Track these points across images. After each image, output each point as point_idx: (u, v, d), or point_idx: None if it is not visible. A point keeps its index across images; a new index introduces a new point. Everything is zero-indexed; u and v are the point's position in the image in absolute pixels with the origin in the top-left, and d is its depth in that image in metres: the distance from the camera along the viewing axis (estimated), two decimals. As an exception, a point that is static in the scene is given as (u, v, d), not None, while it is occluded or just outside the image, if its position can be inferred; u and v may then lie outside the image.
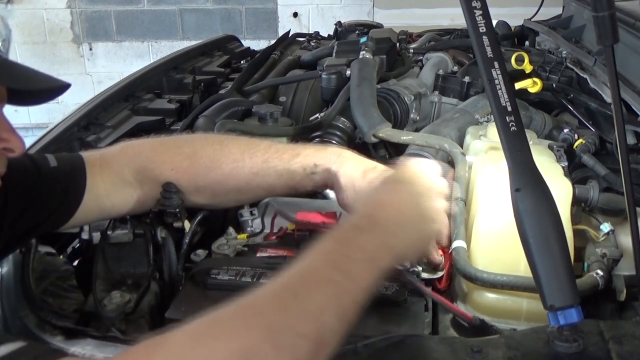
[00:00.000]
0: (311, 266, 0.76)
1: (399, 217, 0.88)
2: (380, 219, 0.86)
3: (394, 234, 0.86)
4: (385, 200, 0.91)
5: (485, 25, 0.78)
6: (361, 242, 0.81)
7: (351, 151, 1.14)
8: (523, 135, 0.80)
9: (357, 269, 0.77)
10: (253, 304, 0.69)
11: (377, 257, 0.81)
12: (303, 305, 0.70)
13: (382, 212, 0.88)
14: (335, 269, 0.75)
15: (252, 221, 1.20)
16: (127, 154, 1.13)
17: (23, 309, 1.00)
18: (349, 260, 0.77)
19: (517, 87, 1.62)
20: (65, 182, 1.06)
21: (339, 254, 0.78)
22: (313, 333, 0.68)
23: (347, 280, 0.75)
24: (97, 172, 1.09)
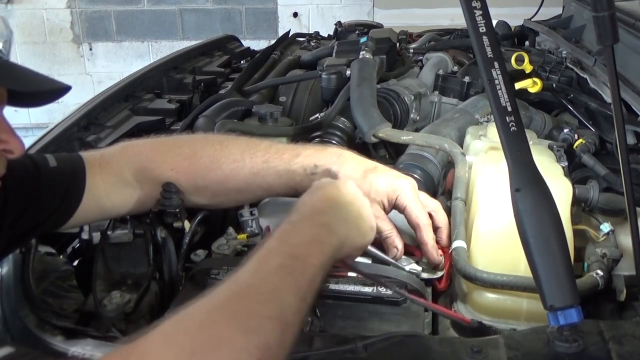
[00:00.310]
0: (260, 260, 0.79)
1: (334, 204, 0.93)
2: (313, 209, 0.91)
3: (332, 217, 0.90)
4: (325, 192, 0.95)
5: (485, 25, 0.78)
6: (300, 229, 0.86)
7: (351, 151, 1.14)
8: (523, 135, 0.80)
9: (304, 251, 0.81)
10: (214, 299, 0.71)
11: (319, 237, 0.85)
12: (261, 290, 0.74)
13: (314, 203, 0.93)
14: (284, 256, 0.79)
15: (252, 221, 1.20)
16: (127, 154, 1.13)
17: (23, 309, 1.00)
18: (293, 245, 0.82)
19: (517, 87, 1.62)
20: (65, 183, 1.06)
21: (282, 244, 0.82)
22: (276, 314, 0.71)
23: (297, 262, 0.79)
24: (96, 172, 1.09)
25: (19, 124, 5.11)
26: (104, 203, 1.10)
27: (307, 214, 0.90)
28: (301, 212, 0.90)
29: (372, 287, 1.03)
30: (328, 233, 0.86)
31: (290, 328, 0.71)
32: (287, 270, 0.77)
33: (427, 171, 1.40)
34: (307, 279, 0.77)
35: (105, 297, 1.04)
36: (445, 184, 1.34)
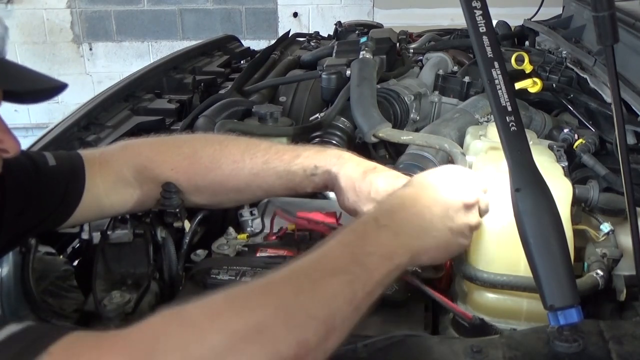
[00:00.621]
0: (328, 254, 0.78)
1: (420, 219, 0.88)
2: (400, 218, 0.87)
3: (413, 235, 0.86)
4: (409, 200, 0.90)
5: (485, 25, 0.78)
6: (379, 238, 0.82)
7: (351, 153, 1.14)
8: (523, 135, 0.81)
9: (372, 263, 0.78)
10: (270, 283, 0.72)
11: (393, 254, 0.82)
12: (317, 289, 0.72)
13: (403, 211, 0.88)
14: (351, 260, 0.77)
15: (252, 221, 1.20)
16: (126, 154, 1.13)
17: (23, 309, 1.00)
18: (365, 253, 0.79)
19: (517, 87, 1.62)
20: (64, 182, 1.06)
21: (356, 246, 0.80)
22: (324, 316, 0.70)
23: (361, 271, 0.77)
24: (96, 171, 1.09)
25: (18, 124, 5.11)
26: (103, 202, 1.10)
27: (393, 222, 0.86)
28: (390, 215, 0.87)
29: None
30: (404, 253, 0.83)
31: (336, 333, 0.71)
32: (350, 278, 0.75)
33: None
34: (365, 292, 0.76)
35: (105, 297, 1.04)
36: (445, 184, 1.34)
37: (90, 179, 1.08)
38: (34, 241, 1.08)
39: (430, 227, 0.88)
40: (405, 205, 0.89)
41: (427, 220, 0.88)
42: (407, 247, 0.84)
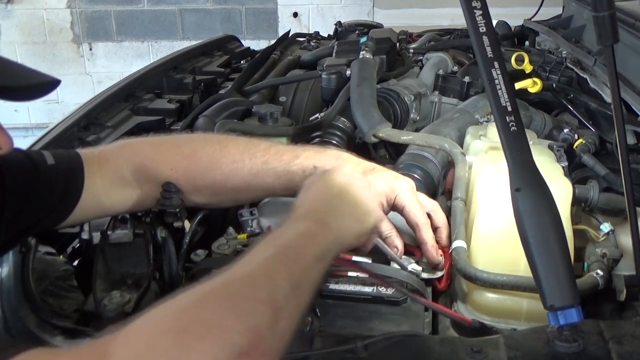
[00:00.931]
0: (254, 252, 0.81)
1: (325, 197, 0.96)
2: (308, 207, 0.94)
3: (325, 211, 0.92)
4: (316, 188, 0.98)
5: (485, 25, 0.78)
6: (294, 227, 0.88)
7: (350, 153, 1.14)
8: (523, 135, 0.81)
9: (296, 243, 0.83)
10: (206, 285, 0.73)
11: (313, 230, 0.87)
12: (253, 275, 0.75)
13: (313, 198, 0.95)
14: (276, 247, 0.81)
15: (252, 221, 1.20)
16: (125, 153, 1.13)
17: (23, 309, 1.00)
18: (287, 238, 0.84)
19: (517, 87, 1.62)
20: (64, 181, 1.06)
21: (275, 238, 0.84)
22: (267, 298, 0.72)
23: (289, 251, 0.81)
24: (95, 170, 1.09)
25: (18, 124, 5.11)
26: (102, 201, 1.10)
27: (301, 214, 0.92)
28: (296, 213, 0.92)
29: (372, 287, 1.03)
30: (322, 227, 0.88)
31: (284, 314, 0.72)
32: (280, 258, 0.78)
33: (427, 171, 1.40)
34: (300, 267, 0.79)
35: (105, 297, 1.04)
36: (445, 184, 1.34)
37: (90, 178, 1.08)
38: (34, 241, 1.08)
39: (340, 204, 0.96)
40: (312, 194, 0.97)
41: (332, 195, 0.96)
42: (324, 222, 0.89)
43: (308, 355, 0.81)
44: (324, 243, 0.86)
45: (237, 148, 1.13)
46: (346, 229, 0.93)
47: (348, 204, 0.96)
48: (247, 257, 0.79)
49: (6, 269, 1.02)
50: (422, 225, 1.08)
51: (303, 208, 0.94)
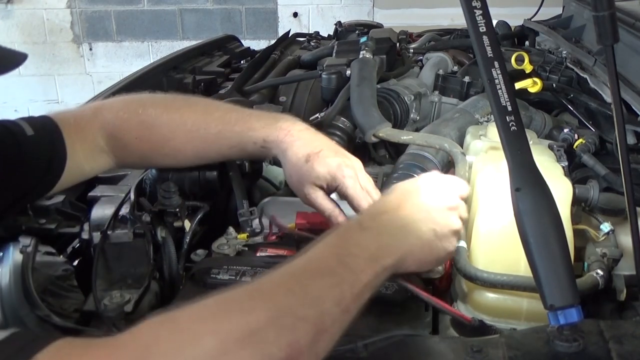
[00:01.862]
0: (315, 257, 0.79)
1: (403, 221, 0.89)
2: (383, 220, 0.88)
3: (397, 237, 0.87)
4: (392, 204, 0.92)
5: (485, 25, 0.78)
6: (363, 241, 0.83)
7: (302, 126, 1.15)
8: (523, 135, 0.81)
9: (357, 265, 0.79)
10: (259, 287, 0.73)
11: (378, 256, 0.82)
12: (305, 290, 0.73)
13: (386, 214, 0.90)
14: (337, 262, 0.78)
15: (252, 221, 1.20)
16: (97, 121, 1.16)
17: (23, 308, 1.00)
18: (350, 255, 0.80)
19: (517, 87, 1.62)
20: (46, 151, 1.07)
21: (340, 247, 0.81)
22: (313, 318, 0.71)
23: (348, 272, 0.77)
24: (74, 138, 1.11)
25: (19, 124, 5.11)
26: (84, 167, 1.14)
27: (377, 225, 0.87)
28: (373, 218, 0.89)
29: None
30: (388, 255, 0.84)
31: (326, 335, 0.72)
32: (337, 279, 0.76)
33: (427, 171, 1.40)
34: (353, 294, 0.76)
35: (105, 297, 1.04)
36: (445, 184, 1.34)
37: (71, 146, 1.10)
38: (33, 241, 1.08)
39: (414, 229, 0.89)
40: (388, 209, 0.91)
41: (410, 222, 0.90)
42: (392, 248, 0.85)
43: (308, 355, 0.81)
44: (382, 274, 0.83)
45: (193, 119, 1.17)
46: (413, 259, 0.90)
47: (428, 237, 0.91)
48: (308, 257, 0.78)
49: (6, 268, 1.02)
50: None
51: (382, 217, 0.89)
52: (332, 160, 1.10)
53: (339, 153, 1.13)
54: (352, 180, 1.09)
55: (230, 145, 1.17)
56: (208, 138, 1.17)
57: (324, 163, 1.09)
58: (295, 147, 1.11)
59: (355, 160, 1.13)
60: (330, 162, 1.09)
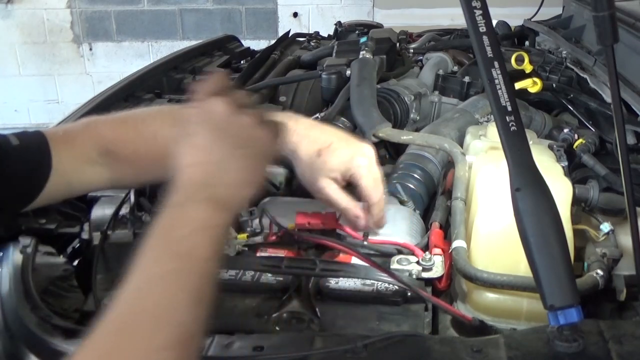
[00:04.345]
0: (143, 272, 0.70)
1: (216, 161, 0.80)
2: (189, 182, 0.79)
3: (217, 184, 0.79)
4: (185, 160, 0.81)
5: (485, 25, 0.78)
6: (183, 215, 0.75)
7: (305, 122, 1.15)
8: (523, 135, 0.80)
9: (189, 244, 0.72)
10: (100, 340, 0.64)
11: (208, 220, 0.75)
12: (152, 313, 0.66)
13: (186, 174, 0.79)
14: (167, 259, 0.71)
15: (252, 221, 1.20)
16: (89, 133, 1.11)
17: (23, 308, 1.00)
18: (176, 241, 0.73)
19: (517, 87, 1.62)
20: (30, 160, 1.03)
21: (164, 241, 0.73)
22: (173, 338, 0.65)
23: (183, 262, 0.71)
24: (62, 149, 1.07)
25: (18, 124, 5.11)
26: (72, 181, 1.08)
27: (188, 191, 0.78)
28: (182, 187, 0.78)
29: (373, 287, 1.03)
30: (216, 210, 0.76)
31: (194, 339, 0.68)
32: (173, 277, 0.69)
33: (427, 171, 1.40)
34: (198, 278, 0.70)
35: (105, 297, 1.04)
36: (445, 184, 1.34)
37: (57, 157, 1.05)
38: (34, 241, 1.08)
39: (221, 165, 0.80)
40: (183, 170, 0.80)
41: (207, 164, 0.80)
42: (218, 202, 0.77)
43: (308, 355, 0.81)
44: (220, 232, 0.76)
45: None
46: (238, 199, 0.82)
47: (238, 164, 0.81)
48: (135, 280, 0.69)
49: (6, 269, 1.02)
50: (372, 205, 1.11)
51: (189, 179, 0.79)
52: (344, 151, 1.10)
53: (350, 142, 1.13)
54: (365, 170, 1.10)
55: None
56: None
57: (336, 155, 1.09)
58: (304, 145, 1.11)
59: (367, 148, 1.13)
60: (342, 154, 1.10)
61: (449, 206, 1.21)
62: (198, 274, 0.71)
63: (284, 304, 0.99)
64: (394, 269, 1.06)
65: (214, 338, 0.84)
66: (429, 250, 1.12)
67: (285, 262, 1.06)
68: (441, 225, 1.20)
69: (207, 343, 0.83)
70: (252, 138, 0.83)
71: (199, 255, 0.72)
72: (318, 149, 1.10)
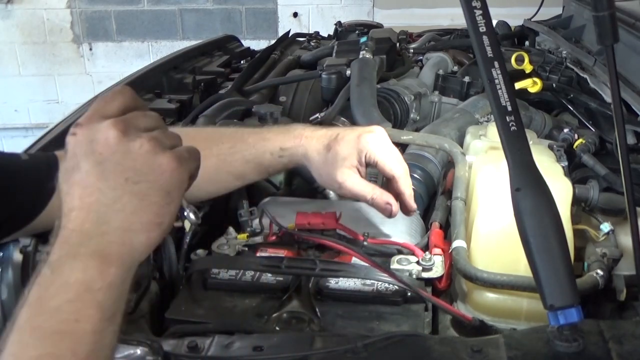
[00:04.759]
0: (11, 356, 0.59)
1: (89, 210, 0.66)
2: (72, 231, 0.66)
3: (99, 235, 0.65)
4: (68, 203, 0.67)
5: (485, 25, 0.78)
6: (59, 280, 0.63)
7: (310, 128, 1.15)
8: (523, 135, 0.80)
9: (67, 318, 0.61)
10: None
11: (90, 283, 0.63)
12: None
13: (70, 220, 0.66)
14: (41, 338, 0.59)
15: (252, 221, 1.20)
16: None
17: (23, 308, 1.00)
18: (52, 314, 0.60)
19: (517, 87, 1.62)
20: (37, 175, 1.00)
21: (37, 314, 0.61)
22: None
23: (61, 340, 0.59)
24: None
25: (18, 124, 5.11)
26: None
27: (68, 244, 0.65)
28: (62, 239, 0.66)
29: (373, 287, 1.03)
30: (103, 266, 0.63)
31: None
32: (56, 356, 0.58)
33: (427, 171, 1.40)
34: (82, 354, 0.59)
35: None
36: (445, 184, 1.34)
37: None
38: (34, 242, 1.08)
39: (105, 205, 0.65)
40: (66, 215, 0.67)
41: (94, 203, 0.65)
42: (103, 256, 0.64)
43: (308, 355, 0.81)
44: (108, 293, 0.63)
45: (204, 134, 1.13)
46: (137, 248, 0.67)
47: (133, 204, 0.66)
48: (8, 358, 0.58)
49: (6, 269, 1.02)
50: (399, 177, 1.09)
51: (71, 230, 0.66)
52: (351, 135, 1.09)
53: (355, 128, 1.13)
54: (376, 146, 1.08)
55: (245, 159, 1.11)
56: (221, 154, 1.11)
57: (345, 142, 1.08)
58: (313, 145, 1.11)
59: (376, 128, 1.12)
60: (350, 138, 1.09)
61: (449, 206, 1.21)
62: (82, 354, 0.59)
63: (284, 304, 0.99)
64: (394, 269, 1.06)
65: (214, 338, 0.84)
66: (429, 250, 1.12)
67: (285, 262, 1.06)
68: (441, 225, 1.20)
69: (207, 343, 0.83)
70: (150, 169, 0.66)
71: (82, 329, 0.60)
72: (327, 143, 1.10)
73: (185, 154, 0.69)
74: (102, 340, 0.61)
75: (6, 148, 2.31)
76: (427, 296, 1.01)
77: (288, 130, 1.15)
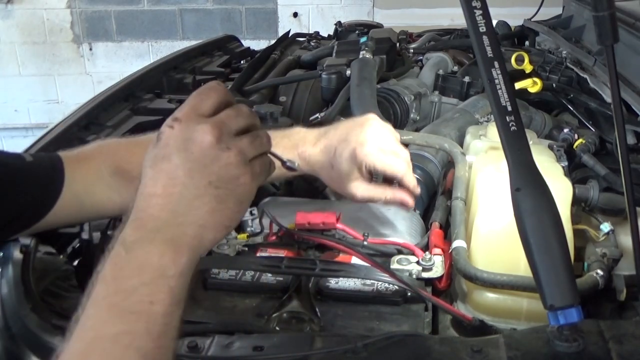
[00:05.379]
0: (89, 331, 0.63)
1: (171, 199, 0.70)
2: (150, 216, 0.70)
3: (175, 225, 0.69)
4: (150, 188, 0.71)
5: (485, 25, 0.78)
6: (135, 263, 0.67)
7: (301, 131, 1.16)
8: (523, 135, 0.80)
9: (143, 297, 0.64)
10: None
11: (165, 269, 0.66)
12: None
13: (150, 205, 0.70)
14: (116, 317, 0.63)
15: (252, 221, 1.20)
16: (103, 153, 1.10)
17: (24, 308, 1.00)
18: (129, 292, 0.64)
19: (517, 87, 1.62)
20: (42, 176, 1.03)
21: (114, 293, 0.65)
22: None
23: (137, 320, 0.63)
24: (75, 167, 1.06)
25: (18, 124, 5.11)
26: (83, 201, 1.07)
27: (146, 228, 0.69)
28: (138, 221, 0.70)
29: (373, 287, 1.03)
30: (177, 255, 0.68)
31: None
32: (125, 341, 0.61)
33: (427, 171, 1.40)
34: (155, 338, 0.63)
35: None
36: (445, 184, 1.34)
37: (70, 175, 1.05)
38: (34, 241, 1.08)
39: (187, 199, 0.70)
40: (147, 197, 0.71)
41: (177, 194, 0.70)
42: (177, 246, 0.68)
43: (308, 355, 0.81)
44: (184, 279, 0.67)
45: None
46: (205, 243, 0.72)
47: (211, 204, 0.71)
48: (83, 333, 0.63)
49: (6, 268, 1.02)
50: (402, 176, 1.11)
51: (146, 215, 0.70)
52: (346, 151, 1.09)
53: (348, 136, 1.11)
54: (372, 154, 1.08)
55: None
56: None
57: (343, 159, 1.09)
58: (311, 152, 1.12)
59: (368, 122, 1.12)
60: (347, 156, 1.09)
61: (449, 206, 1.22)
62: (155, 334, 0.63)
63: (284, 304, 0.99)
64: (394, 268, 1.06)
65: (214, 338, 0.84)
66: (429, 250, 1.12)
67: (285, 262, 1.06)
68: (441, 225, 1.20)
69: (207, 343, 0.83)
70: (233, 180, 0.72)
71: (155, 311, 0.64)
72: (324, 146, 1.12)
73: (258, 170, 0.75)
74: (172, 323, 0.65)
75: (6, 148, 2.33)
76: (427, 296, 1.01)
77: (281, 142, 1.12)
